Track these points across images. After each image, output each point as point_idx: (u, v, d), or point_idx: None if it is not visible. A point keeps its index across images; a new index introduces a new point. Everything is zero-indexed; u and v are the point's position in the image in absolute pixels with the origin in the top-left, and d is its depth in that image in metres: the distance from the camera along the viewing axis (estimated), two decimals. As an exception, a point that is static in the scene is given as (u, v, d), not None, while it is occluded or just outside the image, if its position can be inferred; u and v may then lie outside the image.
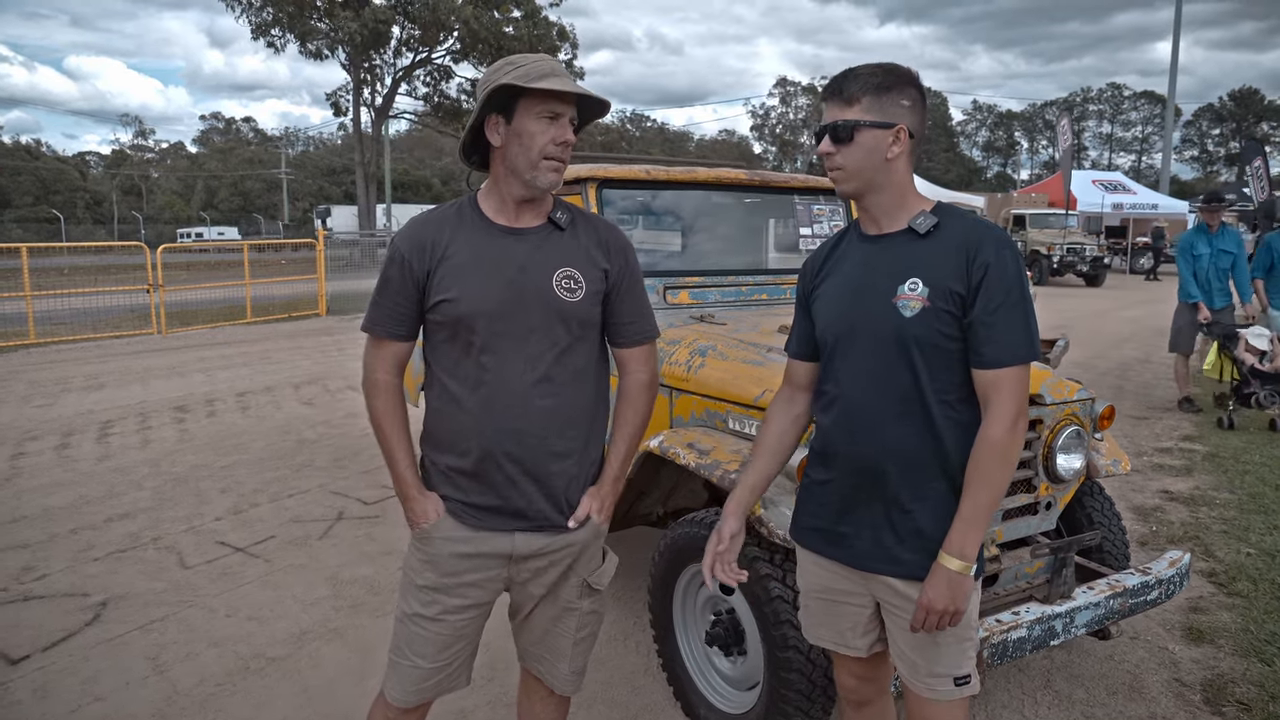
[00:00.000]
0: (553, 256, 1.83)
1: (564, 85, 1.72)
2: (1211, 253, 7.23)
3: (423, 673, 1.90)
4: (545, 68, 1.75)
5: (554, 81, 1.72)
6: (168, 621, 3.53)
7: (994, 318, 1.60)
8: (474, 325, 1.78)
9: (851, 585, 1.80)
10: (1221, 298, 7.31)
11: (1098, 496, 3.18)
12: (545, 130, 1.75)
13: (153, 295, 12.79)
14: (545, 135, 1.75)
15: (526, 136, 1.76)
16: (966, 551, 1.61)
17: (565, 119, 1.77)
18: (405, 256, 1.81)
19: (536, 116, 1.75)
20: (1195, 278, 7.31)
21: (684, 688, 2.85)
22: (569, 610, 1.96)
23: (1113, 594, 2.64)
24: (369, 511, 4.88)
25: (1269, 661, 3.18)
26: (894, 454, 1.68)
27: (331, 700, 2.97)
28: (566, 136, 1.77)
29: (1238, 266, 7.27)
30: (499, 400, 1.79)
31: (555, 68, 1.76)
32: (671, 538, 2.80)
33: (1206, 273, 7.27)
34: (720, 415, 2.88)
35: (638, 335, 1.94)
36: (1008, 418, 1.60)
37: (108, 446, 6.29)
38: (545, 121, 1.75)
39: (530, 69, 1.74)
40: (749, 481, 1.89)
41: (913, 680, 1.75)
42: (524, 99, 1.75)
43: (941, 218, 1.69)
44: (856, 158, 1.67)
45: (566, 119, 1.77)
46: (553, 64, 1.77)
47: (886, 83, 1.65)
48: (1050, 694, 3.00)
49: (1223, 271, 7.27)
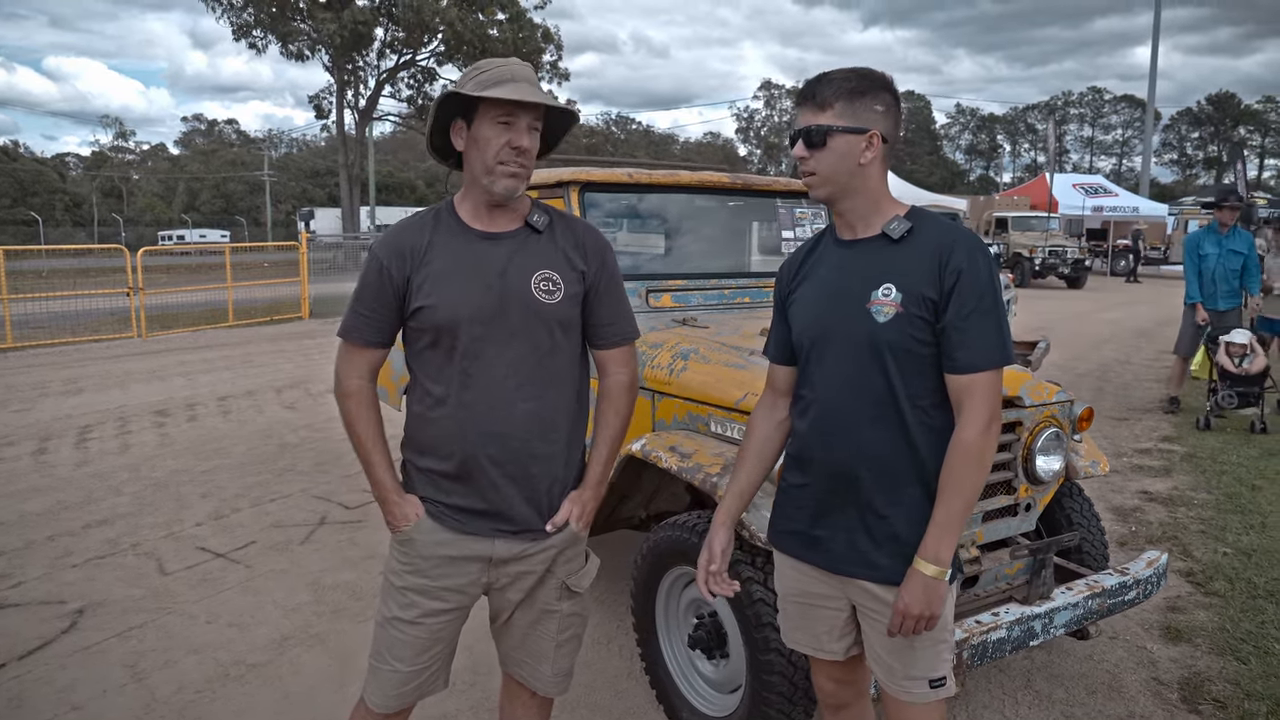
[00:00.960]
0: (530, 260, 1.83)
1: (513, 93, 1.71)
2: (1220, 253, 7.06)
3: (402, 677, 1.89)
4: (504, 73, 1.74)
5: (506, 89, 1.71)
6: (146, 629, 3.50)
7: (967, 323, 1.61)
8: (455, 330, 1.78)
9: (828, 589, 1.81)
10: (1228, 300, 7.14)
11: (1077, 498, 3.20)
12: (499, 135, 1.75)
13: (133, 298, 12.67)
14: (499, 140, 1.75)
15: (482, 142, 1.76)
16: (941, 556, 1.62)
17: (521, 124, 1.75)
18: (384, 263, 1.81)
19: (491, 122, 1.75)
20: (1200, 278, 7.15)
21: (667, 691, 2.85)
22: (548, 613, 1.96)
23: (1091, 594, 2.66)
24: (351, 516, 4.85)
25: (1244, 659, 3.22)
26: (868, 459, 1.69)
27: (312, 707, 2.95)
28: (520, 142, 1.75)
29: (1248, 268, 7.09)
30: (481, 404, 1.79)
31: (515, 73, 1.75)
32: (654, 541, 2.80)
33: (1213, 273, 7.10)
34: (702, 418, 2.88)
35: (617, 337, 1.94)
36: (981, 422, 1.61)
37: (86, 452, 6.22)
38: (500, 127, 1.75)
39: (485, 76, 1.74)
40: (736, 490, 1.90)
41: (889, 683, 1.76)
42: (481, 104, 1.75)
43: (915, 223, 1.69)
44: (830, 163, 1.68)
45: (523, 125, 1.75)
46: (514, 69, 1.76)
47: (860, 88, 1.66)
48: (1031, 694, 3.03)
49: (1232, 273, 7.08)
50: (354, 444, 1.89)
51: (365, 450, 1.87)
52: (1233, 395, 6.73)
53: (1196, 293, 7.19)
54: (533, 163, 1.81)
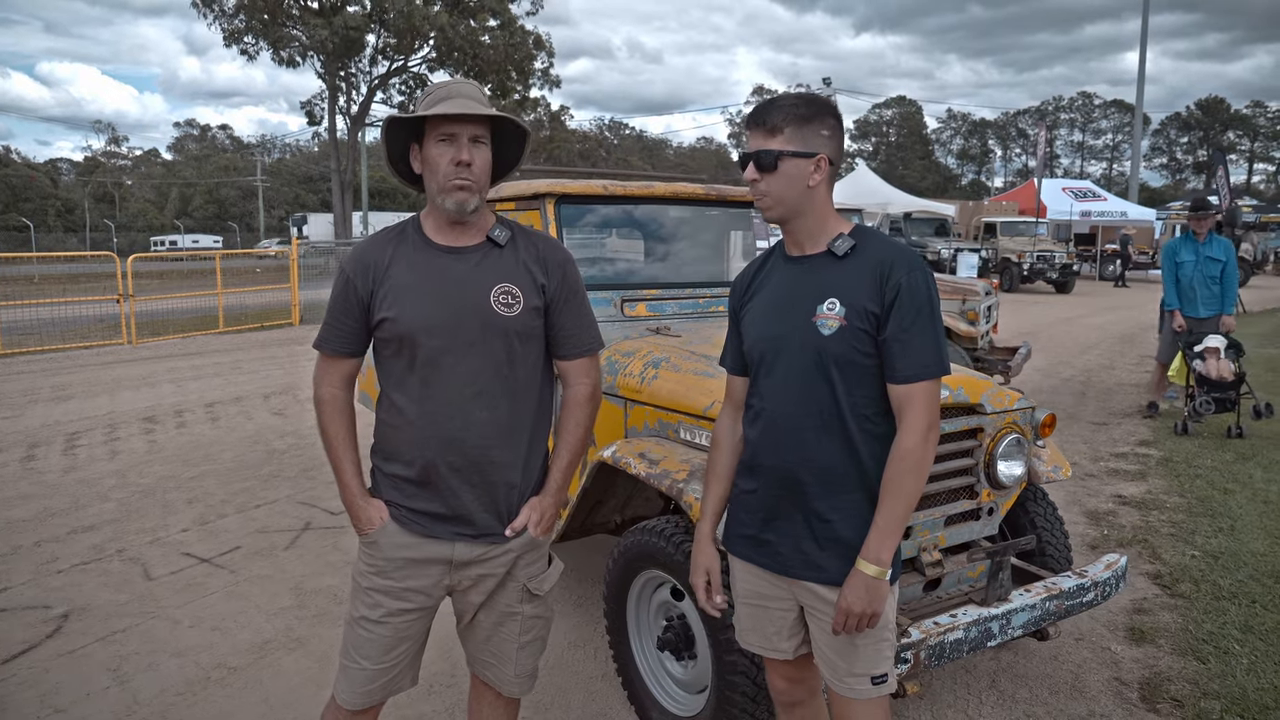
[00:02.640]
0: (490, 273, 1.90)
1: (446, 108, 1.78)
2: (1197, 260, 7.12)
3: (369, 674, 1.96)
4: (443, 93, 1.83)
5: (440, 106, 1.79)
6: (130, 633, 3.55)
7: (907, 335, 1.69)
8: (415, 341, 1.85)
9: (777, 590, 1.89)
10: (1208, 306, 7.17)
11: (1040, 501, 3.28)
12: (444, 153, 1.82)
13: (123, 305, 12.70)
14: (444, 158, 1.83)
15: (431, 162, 1.84)
16: (883, 557, 1.70)
17: (463, 139, 1.82)
18: (350, 277, 1.89)
19: (435, 141, 1.83)
20: (1178, 285, 7.22)
21: (637, 692, 2.92)
22: (509, 615, 2.03)
23: (1049, 596, 2.73)
24: (335, 522, 4.91)
25: (1204, 659, 3.30)
26: (813, 466, 1.77)
27: (292, 709, 3.01)
28: (461, 156, 1.82)
29: (1226, 274, 7.13)
30: (441, 412, 1.87)
31: (453, 90, 1.83)
32: (624, 545, 2.87)
33: (1191, 280, 7.16)
34: (672, 425, 2.95)
35: (578, 348, 2.01)
36: (920, 429, 1.69)
37: (74, 458, 6.27)
38: (444, 145, 1.82)
39: (428, 99, 1.83)
40: (710, 508, 2.01)
41: (833, 680, 1.83)
42: (426, 126, 1.83)
43: (859, 240, 1.78)
44: (780, 185, 1.76)
45: (464, 139, 1.82)
46: (452, 88, 1.84)
47: (807, 114, 1.75)
48: (995, 694, 3.10)
49: (1210, 279, 7.13)
50: (326, 448, 1.97)
51: (335, 455, 1.95)
52: (1210, 401, 6.83)
53: (1174, 299, 7.28)
54: (482, 176, 1.87)
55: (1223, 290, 7.18)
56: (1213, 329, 7.14)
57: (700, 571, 1.99)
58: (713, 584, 1.98)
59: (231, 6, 28.41)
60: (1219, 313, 7.19)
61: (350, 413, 1.99)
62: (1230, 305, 7.22)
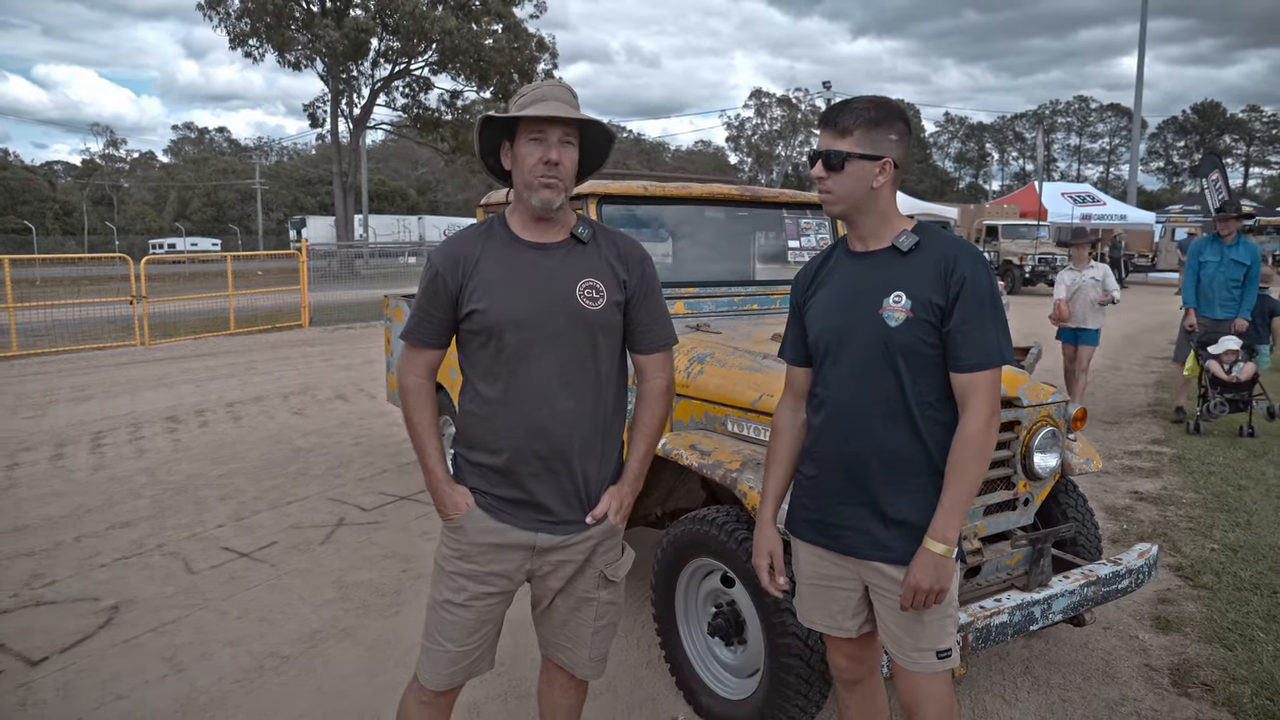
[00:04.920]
0: (575, 268, 1.98)
1: (539, 110, 1.87)
2: (1220, 262, 7.15)
3: (452, 656, 2.04)
4: (537, 95, 1.92)
5: (534, 108, 1.88)
6: (180, 624, 3.63)
7: (969, 326, 1.79)
8: (504, 333, 1.93)
9: (842, 571, 1.98)
10: (1225, 309, 7.20)
11: (1072, 493, 3.37)
12: (533, 152, 1.91)
13: (136, 306, 12.77)
14: (533, 157, 1.91)
15: (520, 159, 1.93)
16: (949, 536, 1.79)
17: (552, 139, 1.90)
18: (440, 271, 1.97)
19: (526, 140, 1.92)
20: (1198, 284, 7.25)
21: (685, 677, 3.00)
22: (587, 600, 2.11)
23: (1087, 582, 2.82)
24: (369, 518, 4.99)
25: (1230, 647, 3.39)
26: (879, 451, 1.86)
27: (346, 696, 3.09)
28: (550, 156, 1.90)
29: (1250, 279, 7.11)
30: (527, 402, 1.95)
31: (546, 93, 1.92)
32: (674, 535, 2.95)
33: (1211, 281, 7.20)
34: (719, 419, 3.04)
35: (655, 342, 2.09)
36: (983, 416, 1.79)
37: (102, 456, 6.34)
38: (534, 144, 1.91)
39: (522, 100, 1.92)
40: (771, 492, 2.09)
41: (899, 655, 1.92)
42: (519, 125, 1.92)
43: (922, 236, 1.88)
44: (846, 185, 1.86)
45: (554, 139, 1.91)
46: (545, 90, 1.93)
47: (878, 118, 1.84)
48: (1029, 679, 3.19)
49: (1233, 282, 7.13)
50: (411, 435, 2.05)
51: (420, 441, 2.03)
52: (1224, 402, 6.94)
53: (1191, 298, 7.33)
54: (569, 176, 1.96)
55: (1243, 294, 7.20)
56: (1226, 331, 7.22)
57: (763, 554, 2.07)
58: (775, 566, 2.07)
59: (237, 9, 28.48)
60: (1235, 315, 7.23)
61: (434, 401, 2.07)
62: (1248, 309, 7.26)
